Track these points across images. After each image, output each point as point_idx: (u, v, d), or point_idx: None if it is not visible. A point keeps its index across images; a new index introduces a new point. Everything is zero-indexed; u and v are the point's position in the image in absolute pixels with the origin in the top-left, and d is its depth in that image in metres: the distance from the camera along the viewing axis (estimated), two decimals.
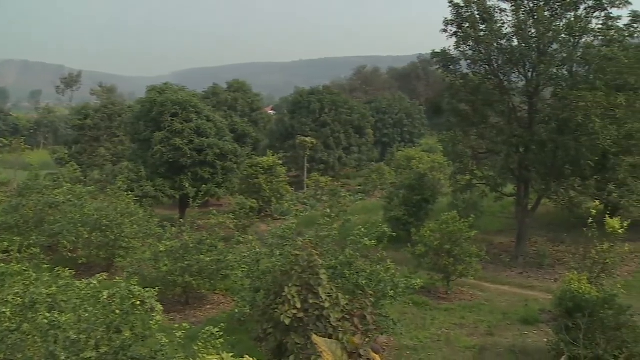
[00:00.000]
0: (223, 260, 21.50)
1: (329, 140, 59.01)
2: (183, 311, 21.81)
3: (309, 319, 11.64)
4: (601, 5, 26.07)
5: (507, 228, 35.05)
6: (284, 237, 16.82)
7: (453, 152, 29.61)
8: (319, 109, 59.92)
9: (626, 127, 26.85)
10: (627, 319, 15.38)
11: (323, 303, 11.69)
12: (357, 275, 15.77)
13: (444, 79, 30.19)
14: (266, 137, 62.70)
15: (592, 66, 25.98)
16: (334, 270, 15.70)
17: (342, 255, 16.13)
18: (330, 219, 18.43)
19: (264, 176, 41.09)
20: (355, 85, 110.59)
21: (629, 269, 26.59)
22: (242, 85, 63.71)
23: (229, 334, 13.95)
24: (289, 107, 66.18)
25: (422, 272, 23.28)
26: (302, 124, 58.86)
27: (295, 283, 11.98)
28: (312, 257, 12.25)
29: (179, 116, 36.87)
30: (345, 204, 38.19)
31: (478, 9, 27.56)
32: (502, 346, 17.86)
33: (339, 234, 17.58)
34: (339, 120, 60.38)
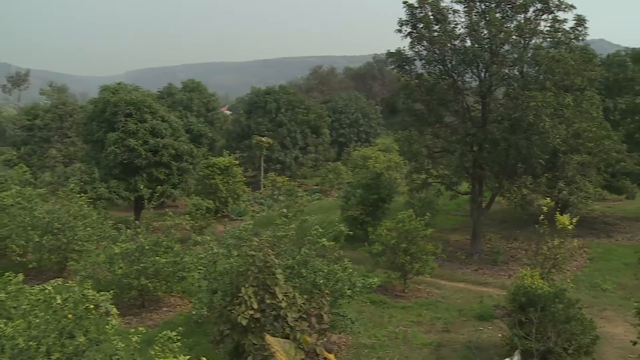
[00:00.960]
0: (179, 261, 21.28)
1: (286, 140, 58.91)
2: (139, 314, 21.50)
3: (266, 319, 11.62)
4: (548, 8, 26.81)
5: (462, 226, 35.66)
6: (241, 238, 16.73)
7: (409, 151, 29.94)
8: (276, 109, 59.75)
9: (574, 126, 27.61)
10: (575, 312, 15.85)
11: (280, 303, 11.69)
12: (314, 275, 15.80)
13: (399, 78, 30.56)
14: (222, 137, 62.28)
15: (541, 67, 26.68)
16: (291, 270, 15.70)
17: (299, 255, 16.14)
18: (287, 218, 18.43)
19: (220, 176, 40.78)
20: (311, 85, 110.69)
21: (578, 264, 27.37)
22: (198, 85, 63.07)
23: (186, 336, 13.83)
24: (245, 107, 65.85)
25: (379, 271, 23.54)
26: (259, 123, 58.59)
27: (252, 283, 11.94)
28: (268, 257, 12.23)
29: (133, 116, 36.27)
30: (302, 204, 38.20)
31: (432, 9, 27.96)
32: (458, 342, 18.16)
33: (296, 234, 17.55)
34: (295, 120, 60.31)
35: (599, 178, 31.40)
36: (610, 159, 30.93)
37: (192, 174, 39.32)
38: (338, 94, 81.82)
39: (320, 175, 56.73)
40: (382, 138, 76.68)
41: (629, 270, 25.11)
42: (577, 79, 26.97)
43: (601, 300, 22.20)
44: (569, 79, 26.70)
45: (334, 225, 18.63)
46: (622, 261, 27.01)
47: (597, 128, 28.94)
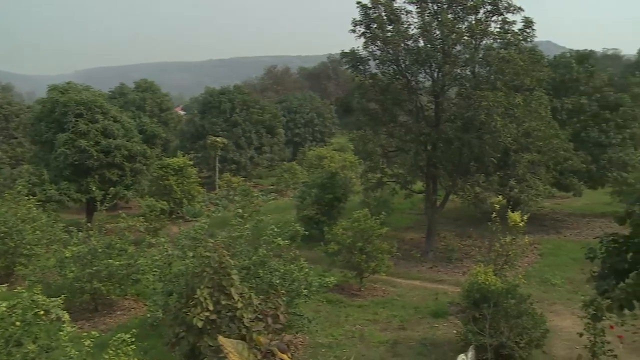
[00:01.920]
0: (133, 264, 20.89)
1: (241, 140, 58.57)
2: (92, 319, 21.03)
3: (222, 320, 11.52)
4: (498, 10, 27.39)
5: (417, 224, 36.05)
6: (196, 239, 16.54)
7: (363, 150, 30.10)
8: (230, 109, 59.35)
9: (524, 125, 28.27)
10: (527, 307, 16.24)
11: (236, 304, 11.60)
12: (270, 275, 15.73)
13: (354, 78, 30.66)
14: (176, 137, 61.48)
15: (492, 67, 27.23)
16: (247, 271, 15.60)
17: (255, 255, 16.05)
18: (243, 219, 18.27)
19: (174, 177, 40.25)
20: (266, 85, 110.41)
21: (529, 260, 27.99)
22: (151, 85, 62.12)
23: (141, 339, 13.60)
24: (199, 107, 65.15)
25: (336, 270, 23.58)
26: (213, 124, 58.10)
27: (207, 285, 11.82)
28: (223, 258, 12.12)
29: (84, 117, 35.49)
30: (257, 204, 38.02)
31: (385, 10, 28.19)
32: (414, 339, 18.35)
33: (251, 234, 17.46)
34: (250, 120, 60.03)
35: (548, 176, 32.23)
36: (558, 157, 31.77)
37: (145, 175, 38.72)
38: (293, 93, 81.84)
39: (276, 175, 56.61)
40: (337, 138, 77.00)
41: (576, 265, 25.77)
42: (527, 79, 27.64)
43: (551, 295, 22.78)
44: (519, 79, 27.32)
45: (289, 225, 18.57)
46: (570, 256, 27.72)
47: (545, 127, 29.68)
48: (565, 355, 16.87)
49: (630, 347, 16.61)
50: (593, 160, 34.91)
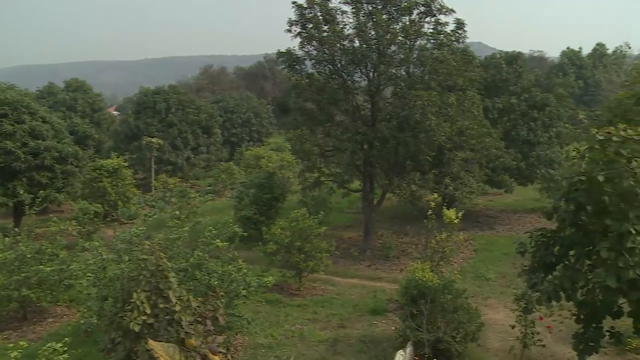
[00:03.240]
0: (66, 269, 20.23)
1: (177, 140, 57.63)
2: (20, 328, 20.23)
3: (160, 324, 11.30)
4: (431, 11, 27.98)
5: (354, 223, 36.35)
6: (132, 242, 16.20)
7: (301, 150, 30.13)
8: (165, 109, 58.31)
9: (458, 124, 28.96)
10: (462, 302, 16.65)
11: (174, 307, 11.40)
12: (208, 277, 15.56)
13: (290, 78, 30.68)
14: (110, 138, 59.99)
15: (426, 67, 27.78)
16: (185, 273, 15.39)
17: (192, 257, 15.84)
18: (180, 220, 18.09)
19: (108, 179, 39.23)
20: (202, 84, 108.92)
21: (464, 256, 28.69)
22: (82, 85, 60.34)
23: (74, 347, 13.23)
24: (133, 107, 63.66)
25: (274, 270, 23.51)
26: (148, 124, 56.92)
27: (144, 288, 11.57)
28: (160, 261, 11.90)
29: (9, 117, 34.07)
30: (194, 205, 37.56)
31: (320, 10, 28.31)
32: (354, 337, 18.49)
33: (189, 236, 17.24)
34: (186, 120, 59.15)
35: (481, 173, 33.09)
36: (490, 155, 32.66)
37: (78, 177, 37.49)
38: (229, 93, 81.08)
39: (213, 176, 55.96)
40: (274, 137, 76.81)
41: (509, 259, 26.58)
42: (459, 79, 28.31)
43: (485, 289, 23.41)
44: (452, 79, 27.95)
45: (227, 225, 18.45)
46: (503, 251, 28.54)
47: (478, 126, 30.49)
48: (499, 347, 17.38)
49: (557, 336, 17.29)
50: (523, 158, 36.11)
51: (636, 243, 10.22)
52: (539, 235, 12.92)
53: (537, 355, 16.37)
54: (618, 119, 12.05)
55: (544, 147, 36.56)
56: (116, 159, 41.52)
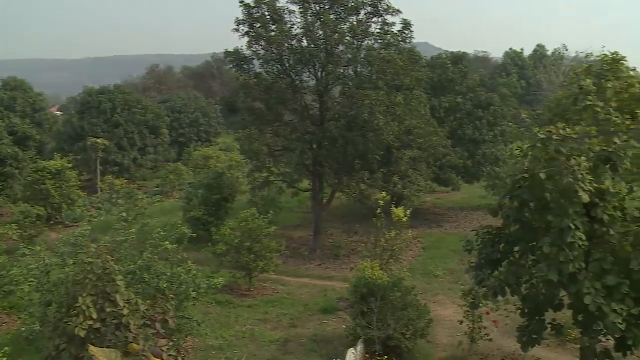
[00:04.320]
0: (6, 275, 19.61)
1: (123, 141, 56.51)
2: None
3: (107, 328, 11.07)
4: (378, 12, 28.27)
5: (304, 222, 36.37)
6: (77, 245, 15.82)
7: (250, 150, 29.97)
8: (111, 109, 57.09)
9: (405, 123, 29.33)
10: (412, 299, 16.90)
11: (122, 311, 11.19)
12: (157, 279, 15.33)
13: (238, 78, 30.47)
14: (53, 139, 58.40)
15: (374, 67, 28.04)
16: (133, 276, 15.12)
17: (141, 260, 15.58)
18: (127, 222, 17.73)
19: (52, 181, 38.14)
20: (148, 84, 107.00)
21: (413, 254, 29.06)
22: (21, 84, 58.48)
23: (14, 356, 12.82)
24: (77, 107, 62.13)
25: (225, 271, 23.35)
26: (93, 124, 55.60)
27: (90, 292, 11.32)
28: (107, 264, 11.66)
29: None
30: (142, 207, 36.91)
31: (268, 9, 28.24)
32: (305, 337, 18.53)
33: (137, 238, 16.94)
34: (132, 121, 58.06)
35: (429, 172, 33.59)
36: (438, 154, 33.17)
37: (18, 179, 36.41)
38: (177, 93, 79.99)
39: (161, 177, 55.08)
40: (223, 137, 76.19)
41: (456, 256, 27.06)
42: (406, 79, 28.69)
43: (433, 286, 23.78)
44: (399, 79, 28.30)
45: (176, 227, 18.21)
46: (451, 248, 29.05)
47: (425, 125, 30.95)
48: (448, 343, 17.70)
49: (504, 330, 17.74)
50: (469, 156, 36.87)
51: (576, 238, 10.57)
52: (485, 232, 13.24)
53: (485, 349, 16.74)
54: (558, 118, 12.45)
55: (489, 146, 37.40)
56: (60, 161, 40.43)
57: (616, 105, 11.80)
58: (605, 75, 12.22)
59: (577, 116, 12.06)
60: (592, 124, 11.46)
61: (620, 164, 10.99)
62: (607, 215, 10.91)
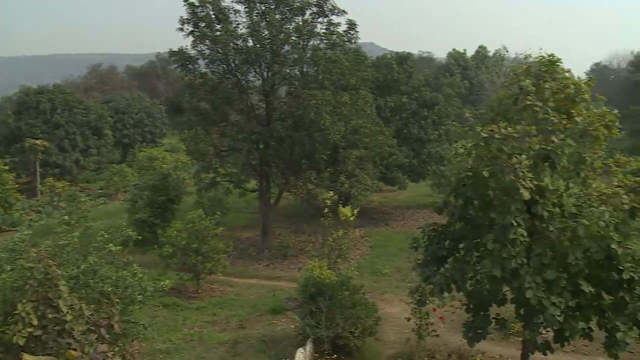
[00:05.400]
0: None
1: (64, 142, 55.16)
2: None
3: (49, 335, 10.75)
4: (323, 12, 28.39)
5: (252, 223, 36.22)
6: (16, 250, 15.32)
7: (196, 150, 29.66)
8: (50, 110, 55.65)
9: (351, 123, 29.56)
10: (360, 298, 17.03)
11: (64, 316, 10.89)
12: (102, 283, 14.98)
13: (183, 77, 30.09)
14: None
15: (319, 67, 28.14)
16: (76, 280, 14.75)
17: (84, 264, 15.21)
18: (70, 225, 17.28)
19: None
20: (90, 84, 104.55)
21: (361, 252, 29.29)
22: None
23: None
24: (13, 107, 60.24)
25: (171, 273, 23.00)
26: (31, 125, 54.10)
27: (31, 298, 10.96)
28: (49, 269, 11.33)
29: None
30: (85, 209, 36.05)
31: (213, 9, 27.99)
32: (254, 338, 18.43)
33: (80, 241, 16.53)
34: (74, 121, 56.75)
35: (375, 171, 33.94)
36: (384, 153, 33.56)
37: None
38: (120, 93, 78.59)
39: (105, 179, 54.02)
40: (168, 138, 75.29)
41: (403, 254, 27.39)
42: (352, 79, 28.90)
43: (381, 284, 24.03)
44: (345, 78, 28.49)
45: (121, 229, 17.86)
46: (397, 246, 29.38)
47: (371, 125, 31.26)
48: (396, 340, 17.90)
49: (450, 325, 18.05)
50: (415, 155, 37.43)
51: (517, 234, 10.86)
52: (431, 229, 13.46)
53: (432, 345, 17.01)
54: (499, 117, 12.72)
55: (434, 145, 38.06)
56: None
57: (553, 105, 12.15)
58: (543, 76, 12.58)
59: (518, 115, 12.38)
60: (531, 123, 11.77)
61: (558, 162, 11.34)
62: (547, 211, 11.24)
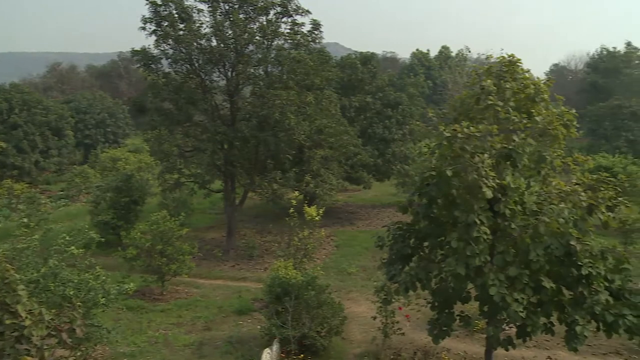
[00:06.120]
0: None
1: (22, 143, 53.98)
2: None
3: (6, 342, 10.51)
4: (287, 12, 28.37)
5: (217, 223, 36.03)
6: None
7: (159, 151, 29.37)
8: (7, 110, 54.40)
9: (316, 123, 29.66)
10: (326, 297, 17.09)
11: (23, 322, 10.66)
12: (63, 287, 14.72)
13: (146, 77, 29.76)
14: None
15: (284, 67, 28.12)
16: (36, 284, 14.47)
17: (44, 267, 14.93)
18: (29, 228, 16.99)
19: None
20: (49, 83, 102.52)
21: (326, 252, 29.40)
22: None
23: None
24: None
25: (136, 275, 22.74)
26: None
27: None
28: (7, 273, 11.08)
29: None
30: (46, 212, 35.36)
31: (176, 8, 27.71)
32: (220, 339, 18.34)
33: (40, 245, 16.21)
34: (32, 122, 55.57)
35: (341, 170, 34.09)
36: (349, 152, 33.75)
37: None
38: (81, 93, 77.15)
39: (66, 180, 53.01)
40: (131, 139, 74.32)
41: (369, 253, 27.60)
42: (317, 79, 28.94)
43: (347, 284, 24.13)
44: (309, 78, 28.51)
45: (83, 232, 17.56)
46: (363, 246, 29.59)
47: (336, 124, 31.40)
48: (362, 339, 18.01)
49: (415, 323, 18.27)
50: (379, 155, 37.70)
51: (481, 232, 11.04)
52: (396, 228, 13.58)
53: (398, 343, 17.16)
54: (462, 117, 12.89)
55: (398, 144, 38.40)
56: None
57: (514, 105, 12.37)
58: (504, 76, 12.79)
59: (480, 115, 12.56)
60: (493, 123, 11.97)
61: (519, 161, 11.56)
62: (509, 209, 11.45)
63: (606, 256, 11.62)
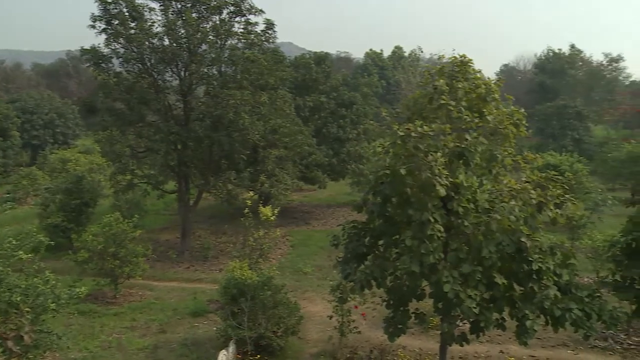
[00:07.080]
0: None
1: None
2: None
3: None
4: (241, 11, 28.28)
5: (171, 224, 35.63)
6: None
7: (111, 151, 28.88)
8: None
9: (270, 122, 29.62)
10: (282, 297, 17.11)
11: None
12: (9, 293, 14.28)
13: (97, 77, 29.17)
14: None
15: (238, 67, 28.02)
16: None
17: None
18: None
19: None
20: None
21: (282, 252, 29.40)
22: None
23: None
24: None
25: (88, 279, 22.30)
26: None
27: None
28: None
29: None
30: None
31: (127, 6, 27.27)
32: (175, 341, 18.15)
33: None
34: None
35: (295, 170, 34.11)
36: (303, 152, 33.81)
37: None
38: (27, 92, 75.06)
39: (12, 182, 51.52)
40: (82, 139, 72.78)
41: (325, 253, 27.70)
42: (271, 79, 28.91)
43: (303, 283, 24.18)
44: (263, 78, 28.45)
45: (31, 235, 17.08)
46: (318, 245, 29.69)
47: (290, 124, 31.42)
48: (318, 338, 18.07)
49: (371, 322, 18.45)
50: (334, 154, 37.89)
51: (434, 230, 11.19)
52: (351, 227, 13.66)
53: (354, 341, 17.27)
54: (415, 116, 13.05)
55: (353, 144, 38.65)
56: None
57: (466, 104, 12.58)
58: (456, 76, 13.00)
59: (433, 114, 12.73)
60: (446, 122, 12.15)
61: (471, 159, 11.76)
62: (461, 207, 11.64)
63: (555, 252, 11.95)
